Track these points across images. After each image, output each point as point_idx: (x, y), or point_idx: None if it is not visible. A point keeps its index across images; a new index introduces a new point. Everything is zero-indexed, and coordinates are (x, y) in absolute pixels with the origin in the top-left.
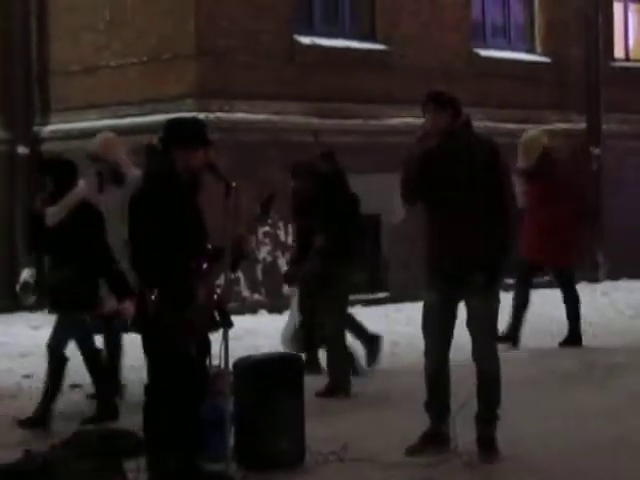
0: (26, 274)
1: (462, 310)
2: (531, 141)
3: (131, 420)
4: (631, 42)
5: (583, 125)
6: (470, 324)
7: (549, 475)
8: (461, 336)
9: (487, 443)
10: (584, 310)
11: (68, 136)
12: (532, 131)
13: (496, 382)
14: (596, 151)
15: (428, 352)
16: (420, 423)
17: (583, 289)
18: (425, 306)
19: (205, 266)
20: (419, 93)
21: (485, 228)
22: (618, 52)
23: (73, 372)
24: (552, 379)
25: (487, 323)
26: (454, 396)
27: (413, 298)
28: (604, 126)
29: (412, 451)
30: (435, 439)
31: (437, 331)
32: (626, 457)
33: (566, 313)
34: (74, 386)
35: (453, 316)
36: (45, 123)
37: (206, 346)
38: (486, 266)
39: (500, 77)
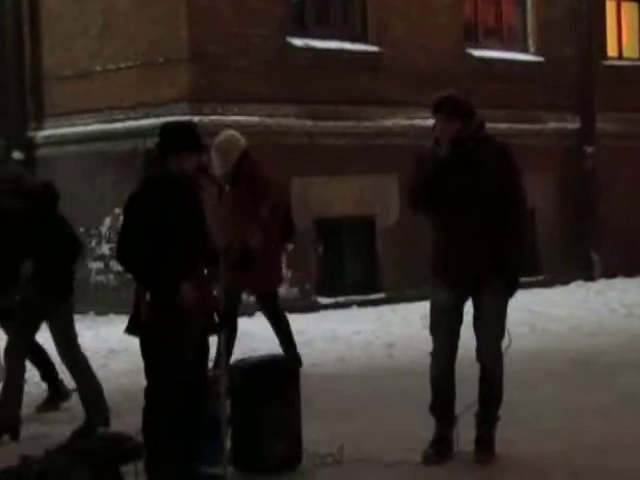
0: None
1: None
2: (229, 142)
3: (129, 424)
4: (624, 40)
5: (577, 124)
6: (479, 325)
7: (543, 475)
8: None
9: (486, 444)
10: (578, 308)
11: (62, 141)
12: (228, 131)
13: (499, 383)
14: (590, 150)
15: (436, 353)
16: (417, 424)
17: (577, 288)
18: (433, 308)
19: (204, 269)
20: (412, 94)
21: (498, 232)
22: (611, 51)
23: (70, 376)
24: (545, 379)
25: (497, 325)
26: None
27: (408, 299)
28: (598, 125)
29: (430, 459)
30: (445, 443)
31: (446, 333)
32: (618, 456)
33: (279, 340)
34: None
35: (461, 317)
36: (39, 128)
37: (205, 350)
38: (502, 270)
39: (493, 77)
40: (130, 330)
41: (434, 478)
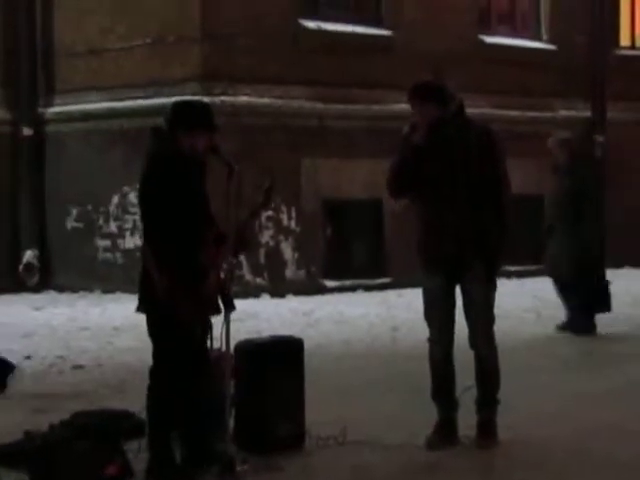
0: (29, 255)
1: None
2: None
3: (132, 401)
4: (637, 30)
5: (588, 113)
6: (468, 311)
7: (547, 460)
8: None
9: (487, 428)
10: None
11: (72, 118)
12: None
13: (494, 368)
14: (600, 139)
15: (433, 340)
16: (420, 407)
17: None
18: (425, 294)
19: (213, 250)
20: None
21: (480, 215)
22: (624, 40)
23: (75, 353)
24: (550, 365)
25: (485, 310)
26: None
27: (414, 284)
28: (609, 114)
29: (433, 445)
30: (449, 428)
31: (441, 318)
32: (623, 443)
33: None
34: (76, 367)
35: (454, 302)
36: (49, 104)
37: (207, 329)
38: (484, 253)
39: (505, 64)
40: (143, 307)
41: (436, 462)
